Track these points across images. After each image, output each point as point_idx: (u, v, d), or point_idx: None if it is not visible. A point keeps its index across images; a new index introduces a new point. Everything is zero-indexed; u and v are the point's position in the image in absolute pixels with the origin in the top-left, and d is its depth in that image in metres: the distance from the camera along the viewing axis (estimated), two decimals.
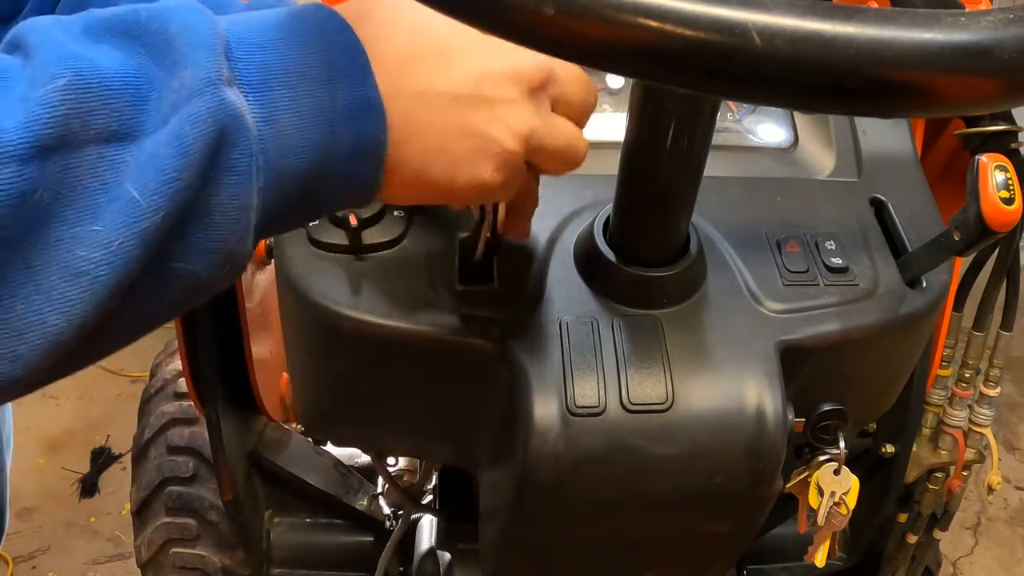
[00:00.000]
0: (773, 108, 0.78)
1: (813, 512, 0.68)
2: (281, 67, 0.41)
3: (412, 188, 0.47)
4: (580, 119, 0.52)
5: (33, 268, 0.33)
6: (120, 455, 2.15)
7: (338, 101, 0.42)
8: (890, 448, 0.99)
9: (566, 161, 0.51)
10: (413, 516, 1.19)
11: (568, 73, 0.49)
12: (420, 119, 0.44)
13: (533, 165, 0.51)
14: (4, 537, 1.19)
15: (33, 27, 0.37)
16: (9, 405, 1.02)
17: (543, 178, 0.58)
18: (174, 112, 0.36)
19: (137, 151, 0.35)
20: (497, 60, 0.46)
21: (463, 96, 0.45)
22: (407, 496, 1.09)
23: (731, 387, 0.61)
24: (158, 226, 0.35)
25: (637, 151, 0.57)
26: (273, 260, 0.67)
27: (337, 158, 0.43)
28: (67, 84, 0.34)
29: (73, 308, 0.34)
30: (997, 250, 0.81)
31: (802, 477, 0.69)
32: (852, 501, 0.68)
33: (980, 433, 0.97)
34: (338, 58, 0.42)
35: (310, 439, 1.28)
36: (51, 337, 0.34)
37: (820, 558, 0.73)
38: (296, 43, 0.41)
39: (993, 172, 0.58)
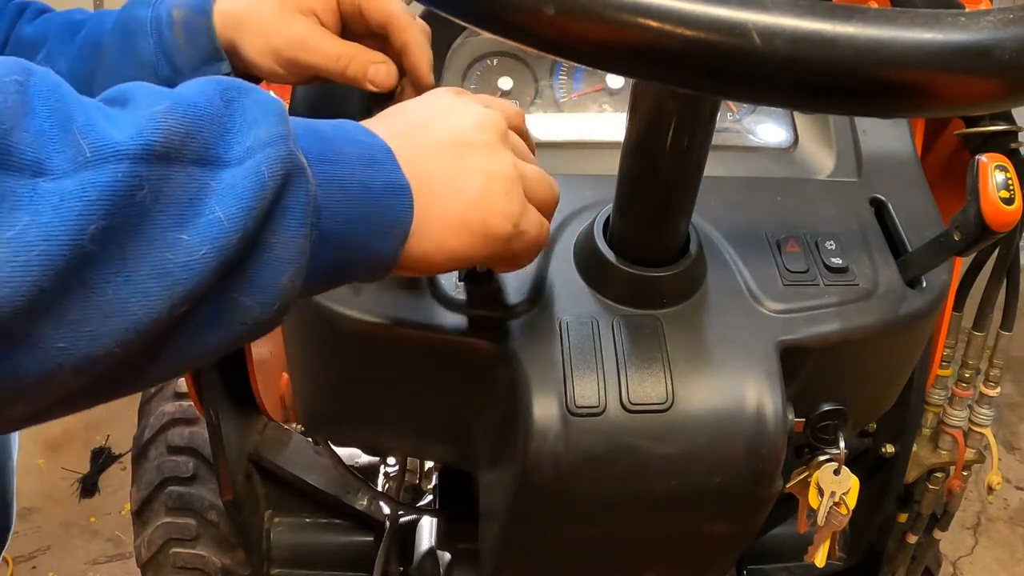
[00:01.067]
0: (773, 108, 0.78)
1: (813, 512, 0.68)
2: (330, 151, 0.48)
3: (447, 241, 0.52)
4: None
5: (127, 261, 0.39)
6: (120, 455, 2.15)
7: (376, 182, 0.49)
8: (890, 448, 0.99)
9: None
10: (411, 515, 1.19)
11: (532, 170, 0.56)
12: (430, 173, 0.51)
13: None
14: (10, 537, 1.19)
15: (129, 86, 0.44)
16: None
17: None
18: (250, 155, 0.43)
19: (218, 179, 0.42)
20: (462, 117, 0.54)
21: (451, 142, 0.53)
22: (388, 497, 1.09)
23: (731, 387, 0.61)
24: (234, 245, 0.41)
25: (637, 151, 0.57)
26: None
27: (369, 232, 0.49)
28: (167, 108, 0.41)
29: (153, 303, 0.39)
30: (997, 250, 0.81)
31: (802, 477, 0.69)
32: (852, 501, 0.68)
33: (980, 433, 0.96)
34: (369, 148, 0.50)
35: (310, 439, 1.28)
36: (128, 324, 0.39)
37: (820, 558, 0.73)
38: (336, 137, 0.49)
39: (993, 172, 0.58)
